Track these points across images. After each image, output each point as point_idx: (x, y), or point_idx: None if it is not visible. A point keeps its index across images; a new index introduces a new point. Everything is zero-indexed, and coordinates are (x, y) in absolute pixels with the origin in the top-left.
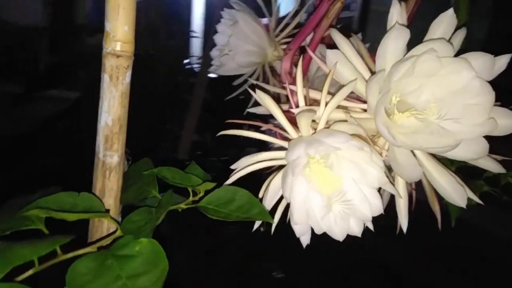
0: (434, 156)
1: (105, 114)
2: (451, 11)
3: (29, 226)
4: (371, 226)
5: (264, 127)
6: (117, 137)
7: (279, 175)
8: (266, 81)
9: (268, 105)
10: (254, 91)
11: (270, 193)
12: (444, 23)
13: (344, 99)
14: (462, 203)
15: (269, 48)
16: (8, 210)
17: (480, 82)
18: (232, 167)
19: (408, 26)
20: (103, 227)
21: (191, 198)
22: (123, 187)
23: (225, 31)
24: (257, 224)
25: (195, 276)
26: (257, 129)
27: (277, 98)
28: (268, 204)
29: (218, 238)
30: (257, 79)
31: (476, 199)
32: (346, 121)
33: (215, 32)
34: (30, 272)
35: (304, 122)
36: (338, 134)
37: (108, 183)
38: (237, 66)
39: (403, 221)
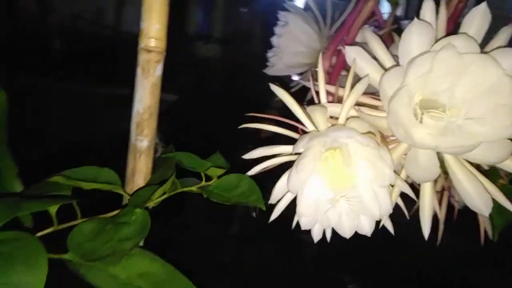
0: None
1: (137, 103)
2: (483, 5)
3: (56, 191)
4: (390, 227)
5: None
6: (147, 124)
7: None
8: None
9: (286, 99)
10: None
11: (278, 188)
12: (477, 19)
13: (373, 97)
14: (486, 211)
15: (321, 49)
16: None
17: (510, 80)
18: (245, 157)
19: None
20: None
21: (203, 183)
22: (155, 169)
23: (279, 33)
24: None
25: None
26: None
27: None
28: (276, 197)
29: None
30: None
31: None
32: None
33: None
34: (49, 230)
35: (317, 117)
36: (344, 129)
37: (138, 164)
38: (286, 67)
39: (425, 229)
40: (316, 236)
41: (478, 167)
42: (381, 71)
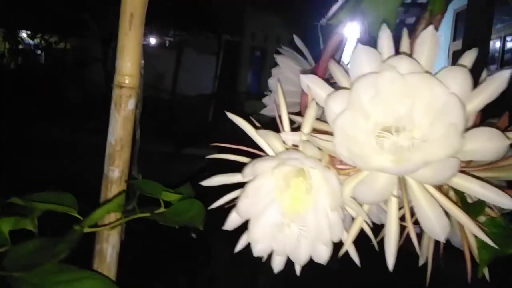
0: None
1: (109, 135)
2: (430, 28)
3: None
4: (355, 258)
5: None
6: (118, 155)
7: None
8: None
9: (244, 126)
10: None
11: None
12: (427, 43)
13: None
14: (442, 236)
15: None
16: None
17: (457, 99)
18: (204, 183)
19: None
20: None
21: (162, 208)
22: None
23: (272, 75)
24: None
25: None
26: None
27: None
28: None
29: None
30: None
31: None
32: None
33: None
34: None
35: (271, 141)
36: (292, 152)
37: (110, 194)
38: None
39: (389, 258)
40: (277, 266)
41: (464, 199)
42: None
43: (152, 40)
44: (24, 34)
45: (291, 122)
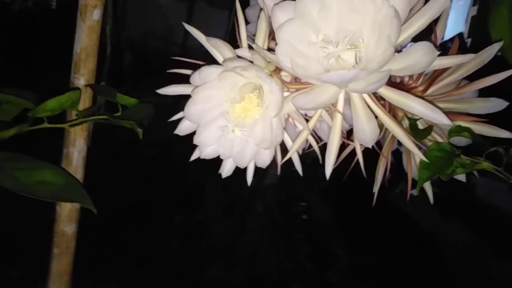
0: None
1: (75, 44)
2: None
3: None
4: (298, 167)
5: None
6: (83, 64)
7: None
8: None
9: (198, 35)
10: None
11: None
12: None
13: None
14: (370, 143)
15: None
16: None
17: (392, 10)
18: (160, 91)
19: None
20: None
21: (119, 113)
22: None
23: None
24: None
25: None
26: None
27: None
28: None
29: None
30: None
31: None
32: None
33: None
34: None
35: (221, 52)
36: (237, 60)
37: None
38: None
39: (328, 168)
40: (227, 172)
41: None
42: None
43: None
44: None
45: None
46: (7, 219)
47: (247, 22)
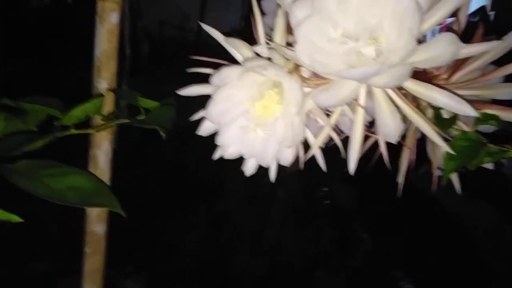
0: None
1: (95, 48)
2: None
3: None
4: (321, 162)
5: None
6: (105, 67)
7: None
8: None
9: (217, 36)
10: None
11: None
12: None
13: None
14: (394, 139)
15: None
16: None
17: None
18: (180, 93)
19: None
20: None
21: (141, 116)
22: None
23: None
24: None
25: None
26: None
27: None
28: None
29: None
30: None
31: None
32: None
33: None
34: None
35: (240, 51)
36: (257, 60)
37: None
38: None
39: (351, 163)
40: (249, 170)
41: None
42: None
43: None
44: None
45: None
46: (41, 219)
47: (262, 14)
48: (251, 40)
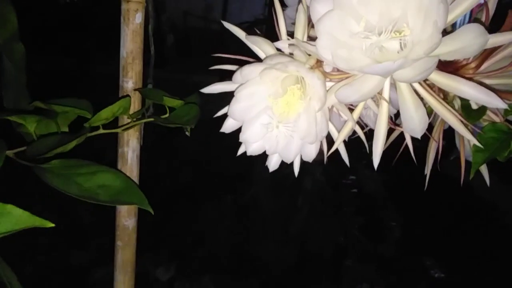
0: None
1: (121, 48)
2: None
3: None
4: (345, 157)
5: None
6: (131, 67)
7: None
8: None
9: (239, 34)
10: None
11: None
12: None
13: None
14: (419, 135)
15: None
16: None
17: None
18: (204, 91)
19: None
20: None
21: (166, 114)
22: None
23: None
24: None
25: None
26: None
27: None
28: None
29: None
30: None
31: None
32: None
33: None
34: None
35: (262, 48)
36: (278, 57)
37: None
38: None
39: (376, 157)
40: (273, 166)
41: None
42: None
43: None
44: None
45: None
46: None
47: (284, 6)
48: (275, 30)
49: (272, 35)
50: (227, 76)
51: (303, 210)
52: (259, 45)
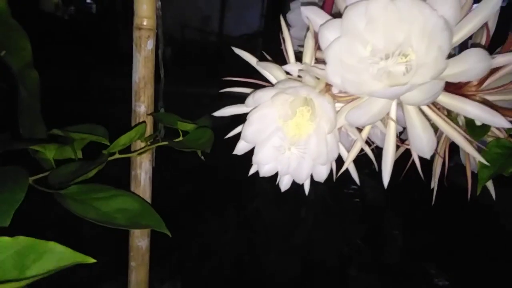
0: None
1: (134, 74)
2: None
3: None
4: (355, 176)
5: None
6: (143, 91)
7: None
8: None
9: (249, 59)
10: None
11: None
12: None
13: None
14: (428, 155)
15: None
16: None
17: (444, 22)
18: (216, 114)
19: None
20: None
21: (180, 138)
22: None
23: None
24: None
25: None
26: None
27: None
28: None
29: None
30: None
31: None
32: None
33: None
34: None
35: (272, 73)
36: (289, 81)
37: None
38: (296, 40)
39: (385, 176)
40: (285, 186)
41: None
42: None
43: None
44: None
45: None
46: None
47: (288, 26)
48: (273, 41)
49: (269, 48)
50: (228, 86)
51: (307, 219)
52: (269, 70)
